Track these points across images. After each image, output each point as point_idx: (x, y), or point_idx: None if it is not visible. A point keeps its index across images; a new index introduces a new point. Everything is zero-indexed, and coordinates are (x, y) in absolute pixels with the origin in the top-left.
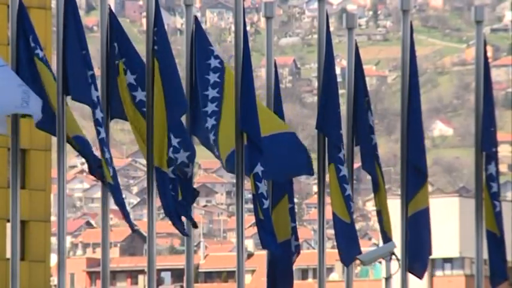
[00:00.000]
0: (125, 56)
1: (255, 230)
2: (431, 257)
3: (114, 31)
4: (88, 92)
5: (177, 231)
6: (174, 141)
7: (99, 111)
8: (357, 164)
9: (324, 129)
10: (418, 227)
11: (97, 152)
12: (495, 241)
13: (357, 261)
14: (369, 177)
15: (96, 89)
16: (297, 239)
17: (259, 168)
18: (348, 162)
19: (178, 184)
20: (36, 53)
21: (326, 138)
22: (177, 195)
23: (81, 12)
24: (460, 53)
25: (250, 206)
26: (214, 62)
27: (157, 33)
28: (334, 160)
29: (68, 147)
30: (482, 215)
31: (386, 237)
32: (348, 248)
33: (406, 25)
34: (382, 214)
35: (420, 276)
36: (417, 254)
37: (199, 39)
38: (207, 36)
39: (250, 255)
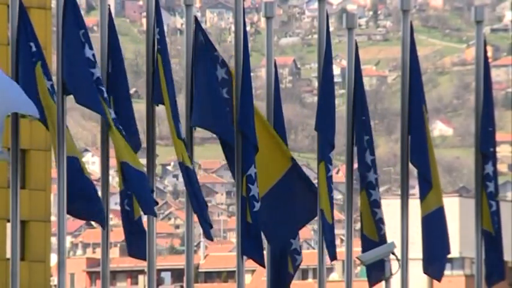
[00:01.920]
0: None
1: None
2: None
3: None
4: (94, 96)
5: (177, 231)
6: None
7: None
8: (357, 164)
9: (321, 128)
10: (430, 229)
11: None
12: (491, 240)
13: (357, 261)
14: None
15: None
16: (299, 239)
17: (252, 170)
18: (347, 162)
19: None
20: (35, 61)
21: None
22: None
23: (81, 12)
24: (460, 53)
25: None
26: (221, 72)
27: (160, 33)
28: (324, 158)
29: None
30: (482, 215)
31: (368, 241)
32: (329, 247)
33: (406, 25)
34: (362, 217)
35: (438, 279)
36: (433, 256)
37: (201, 45)
38: (209, 37)
39: None
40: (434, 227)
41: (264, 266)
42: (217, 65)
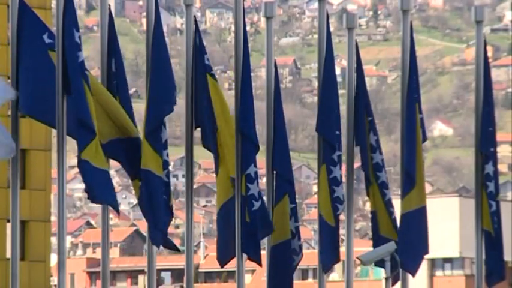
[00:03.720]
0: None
1: None
2: (431, 256)
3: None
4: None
5: (177, 231)
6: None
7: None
8: (357, 163)
9: (321, 129)
10: (409, 227)
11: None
12: (491, 240)
13: (357, 261)
14: None
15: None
16: (299, 239)
17: (252, 169)
18: (348, 162)
19: (169, 188)
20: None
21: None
22: (168, 199)
23: (81, 12)
24: (460, 53)
25: None
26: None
27: (155, 33)
28: (326, 161)
29: (68, 147)
30: (482, 215)
31: (381, 239)
32: (328, 252)
33: (406, 25)
34: (377, 216)
35: (413, 274)
36: (408, 253)
37: (196, 46)
38: (202, 39)
39: None
40: (415, 225)
41: (260, 265)
42: (206, 67)
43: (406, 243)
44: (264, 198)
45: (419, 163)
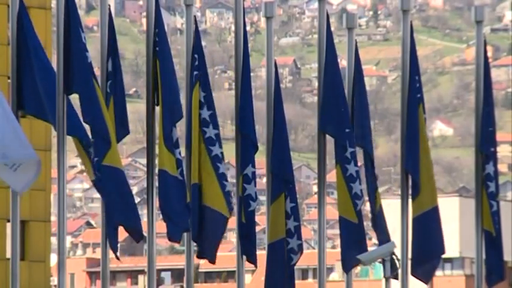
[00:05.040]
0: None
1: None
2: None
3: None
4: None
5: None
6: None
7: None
8: (358, 163)
9: (329, 129)
10: (422, 230)
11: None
12: (491, 240)
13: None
14: None
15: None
16: (299, 238)
17: (250, 170)
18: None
19: (184, 186)
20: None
21: (327, 139)
22: (185, 197)
23: (81, 12)
24: (460, 53)
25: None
26: (193, 76)
27: (159, 34)
28: (340, 160)
29: (68, 147)
30: (482, 215)
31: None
32: (352, 252)
33: (406, 25)
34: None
35: (426, 281)
36: (423, 258)
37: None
38: (201, 39)
39: None
40: (427, 228)
41: (256, 266)
42: (193, 67)
43: (419, 247)
44: (264, 197)
45: (426, 163)
